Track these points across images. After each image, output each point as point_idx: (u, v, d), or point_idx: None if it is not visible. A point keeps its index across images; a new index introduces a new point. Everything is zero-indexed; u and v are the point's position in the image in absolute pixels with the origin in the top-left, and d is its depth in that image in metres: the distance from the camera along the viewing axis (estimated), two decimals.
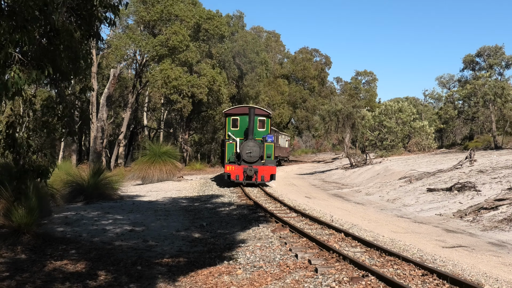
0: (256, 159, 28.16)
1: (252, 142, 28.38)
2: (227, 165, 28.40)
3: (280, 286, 10.04)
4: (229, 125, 31.67)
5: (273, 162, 29.23)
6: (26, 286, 10.10)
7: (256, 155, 28.11)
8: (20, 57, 8.79)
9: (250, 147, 28.00)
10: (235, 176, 27.71)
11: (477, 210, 20.76)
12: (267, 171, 28.35)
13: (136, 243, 14.08)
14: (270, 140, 29.98)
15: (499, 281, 10.02)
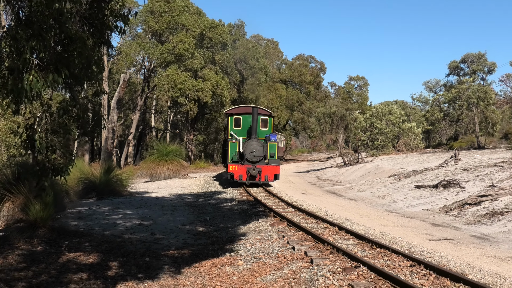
0: (260, 158, 25.94)
1: (255, 141, 26.11)
2: (230, 164, 26.10)
3: (278, 276, 10.03)
4: (231, 124, 29.16)
5: (276, 161, 26.96)
6: (42, 276, 10.09)
7: (260, 155, 25.90)
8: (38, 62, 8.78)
9: (254, 147, 25.79)
10: (238, 176, 25.52)
11: (461, 206, 20.76)
12: (270, 170, 26.13)
13: (144, 236, 14.08)
14: (274, 140, 27.77)
15: (481, 271, 10.01)
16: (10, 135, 30.32)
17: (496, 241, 14.80)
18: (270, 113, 31.62)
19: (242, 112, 30.07)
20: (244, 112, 29.90)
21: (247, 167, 25.62)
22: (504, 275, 9.89)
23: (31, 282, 9.69)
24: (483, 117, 54.22)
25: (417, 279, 9.14)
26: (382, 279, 9.10)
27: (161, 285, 9.91)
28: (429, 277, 9.25)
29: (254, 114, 26.42)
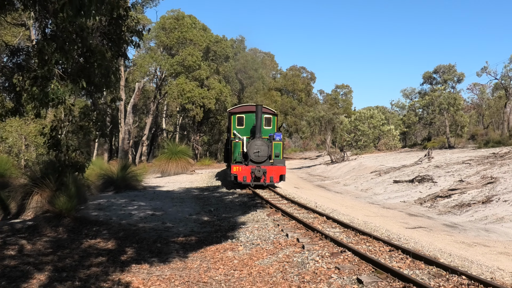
0: (264, 158, 22.05)
1: (259, 140, 22.12)
2: (233, 165, 22.07)
3: (274, 260, 10.01)
4: (234, 123, 25.16)
5: (282, 161, 22.93)
6: (66, 260, 10.07)
7: (265, 155, 22.01)
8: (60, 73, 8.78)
9: (258, 146, 21.90)
10: (242, 177, 21.62)
11: (434, 198, 20.78)
12: (276, 171, 22.14)
13: (156, 225, 14.06)
14: (279, 139, 23.81)
15: (452, 255, 10.01)
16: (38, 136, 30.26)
17: (464, 229, 14.81)
18: (273, 111, 27.83)
19: (245, 111, 26.06)
20: (247, 110, 26.00)
21: (251, 168, 21.77)
22: (471, 258, 9.88)
23: (56, 265, 9.68)
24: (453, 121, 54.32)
25: (395, 262, 9.13)
26: (364, 262, 9.09)
27: (171, 268, 9.89)
28: (406, 261, 9.24)
29: (258, 112, 22.40)
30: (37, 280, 8.74)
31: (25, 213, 14.81)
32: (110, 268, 9.68)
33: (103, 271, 9.51)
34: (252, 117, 23.89)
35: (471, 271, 8.60)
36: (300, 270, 9.07)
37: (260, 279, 8.83)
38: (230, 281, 8.89)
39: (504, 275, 8.54)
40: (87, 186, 18.47)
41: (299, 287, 8.14)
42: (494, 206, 17.48)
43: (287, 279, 8.67)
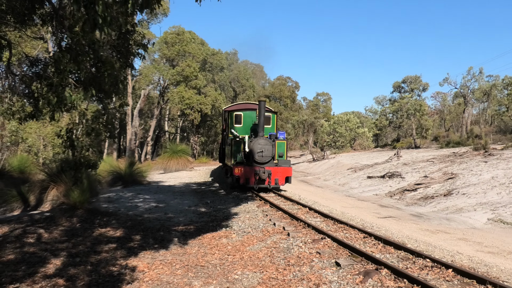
0: (269, 159, 18.46)
1: (263, 139, 18.55)
2: (235, 167, 18.48)
3: (263, 246, 10.01)
4: (231, 121, 21.40)
5: (287, 162, 19.35)
6: (80, 246, 10.02)
7: (269, 155, 18.40)
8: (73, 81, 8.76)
9: (262, 146, 18.32)
10: (245, 179, 18.25)
11: (402, 191, 20.87)
12: (281, 173, 18.62)
13: (159, 216, 14.01)
14: (282, 137, 20.40)
15: (417, 241, 10.05)
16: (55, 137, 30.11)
17: (428, 218, 14.88)
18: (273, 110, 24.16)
19: (243, 108, 22.74)
20: (246, 108, 22.93)
21: (255, 170, 18.20)
22: (435, 244, 9.93)
23: (71, 252, 9.64)
24: (419, 124, 54.65)
25: (368, 247, 9.14)
26: (342, 248, 9.10)
27: (172, 253, 9.87)
28: (378, 246, 9.26)
29: (261, 109, 18.79)
30: (53, 265, 8.71)
31: (43, 205, 14.78)
32: (118, 254, 9.66)
33: (112, 256, 9.48)
34: (251, 115, 21.18)
35: (434, 254, 8.64)
36: (286, 254, 9.07)
37: (250, 263, 8.83)
38: (224, 264, 8.88)
39: (462, 258, 8.59)
40: (98, 181, 18.41)
41: (285, 269, 8.14)
42: (454, 198, 17.59)
43: (274, 262, 8.67)
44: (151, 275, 8.29)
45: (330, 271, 7.72)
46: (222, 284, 7.66)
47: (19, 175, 18.87)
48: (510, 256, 9.42)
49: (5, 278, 7.92)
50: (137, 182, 23.15)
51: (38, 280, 7.90)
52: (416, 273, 7.34)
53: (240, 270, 8.41)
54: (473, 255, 8.99)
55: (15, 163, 20.57)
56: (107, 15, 5.38)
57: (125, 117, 47.29)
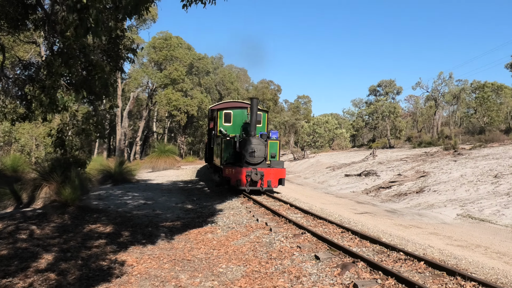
0: (261, 159, 16.75)
1: (255, 139, 16.78)
2: (226, 167, 16.73)
3: (246, 240, 10.01)
4: (220, 120, 19.55)
5: (280, 163, 17.53)
6: (71, 242, 9.92)
7: (261, 155, 16.68)
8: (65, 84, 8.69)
9: (254, 146, 16.54)
10: (236, 181, 16.48)
11: (377, 189, 21.03)
12: (274, 174, 16.88)
13: (148, 212, 13.93)
14: (275, 137, 18.67)
15: (392, 235, 10.14)
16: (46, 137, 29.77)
17: (402, 214, 15.01)
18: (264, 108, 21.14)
19: (233, 107, 20.90)
20: (235, 106, 21.09)
21: (247, 171, 16.43)
22: (407, 238, 10.03)
23: (62, 247, 9.54)
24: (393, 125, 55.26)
25: (346, 242, 9.20)
26: (321, 242, 9.14)
27: (160, 248, 9.82)
28: (355, 240, 9.32)
29: (254, 106, 16.92)
30: (45, 260, 8.61)
31: (35, 203, 14.61)
32: (108, 249, 9.58)
33: (102, 251, 9.41)
34: (242, 114, 19.49)
35: (407, 248, 8.72)
36: (268, 249, 9.08)
37: (235, 257, 8.82)
38: (210, 258, 8.86)
39: (433, 251, 8.69)
40: (89, 180, 18.25)
41: (267, 263, 8.15)
42: (425, 195, 17.78)
43: (257, 256, 8.68)
44: (140, 269, 8.24)
45: (310, 264, 7.75)
46: (207, 277, 7.64)
47: (12, 174, 18.61)
48: (478, 249, 9.56)
49: None
50: (126, 180, 22.96)
51: (30, 275, 7.81)
52: (391, 266, 7.40)
53: (224, 263, 8.41)
54: (444, 249, 9.10)
55: (8, 162, 20.30)
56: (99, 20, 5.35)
57: (115, 118, 46.90)
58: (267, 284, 7.00)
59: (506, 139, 31.76)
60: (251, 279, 7.36)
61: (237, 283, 7.18)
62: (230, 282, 7.28)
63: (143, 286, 7.31)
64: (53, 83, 8.15)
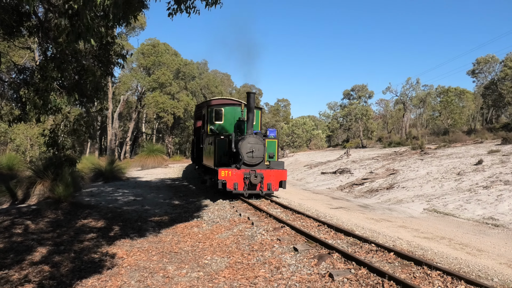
0: (260, 160, 14.34)
1: (253, 138, 14.34)
2: (221, 169, 14.00)
3: (230, 233, 10.00)
4: (211, 117, 16.99)
5: (280, 164, 15.20)
6: (64, 236, 9.80)
7: (260, 155, 14.30)
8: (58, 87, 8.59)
9: (252, 145, 14.20)
10: (233, 184, 13.95)
11: (351, 185, 21.19)
12: (275, 176, 14.48)
13: (137, 208, 13.82)
14: (273, 136, 16.54)
15: (364, 228, 10.23)
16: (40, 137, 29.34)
17: (373, 208, 15.15)
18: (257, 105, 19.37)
19: (224, 104, 18.36)
20: (227, 103, 18.70)
21: (244, 173, 14.05)
22: (379, 231, 10.13)
23: (56, 241, 9.42)
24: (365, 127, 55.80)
25: (322, 234, 9.25)
26: (299, 235, 9.18)
27: (149, 241, 9.75)
28: (330, 233, 9.38)
29: (251, 101, 14.67)
30: (39, 253, 8.49)
31: (30, 199, 14.42)
32: (99, 242, 9.48)
33: (94, 244, 9.31)
34: (233, 111, 17.08)
35: (379, 240, 8.81)
36: (250, 241, 9.09)
37: (219, 249, 8.81)
38: (196, 251, 8.83)
39: (402, 243, 8.79)
40: (81, 177, 18.06)
41: (249, 254, 8.16)
42: (395, 191, 17.98)
43: (240, 248, 8.68)
44: (130, 261, 8.17)
45: (289, 256, 7.78)
46: (193, 268, 7.61)
47: (8, 172, 18.30)
48: (442, 241, 9.71)
49: None
50: (117, 178, 22.73)
51: (25, 267, 7.69)
52: (363, 257, 7.47)
53: (209, 255, 8.39)
54: (411, 240, 9.22)
55: (4, 161, 19.95)
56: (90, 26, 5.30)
57: (106, 119, 46.44)
58: (249, 274, 7.01)
59: (467, 139, 32.30)
60: (234, 270, 7.35)
61: (221, 274, 7.17)
62: (215, 273, 7.26)
63: (133, 277, 7.25)
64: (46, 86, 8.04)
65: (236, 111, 16.97)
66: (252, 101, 14.65)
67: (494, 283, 6.17)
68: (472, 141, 30.75)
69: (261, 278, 6.75)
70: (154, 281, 7.02)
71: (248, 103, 14.75)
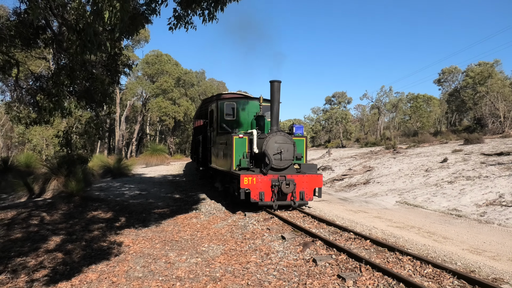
0: (289, 163, 10.64)
1: (281, 135, 10.58)
2: (244, 175, 10.01)
3: (225, 224, 9.97)
4: (221, 112, 13.12)
5: (313, 167, 11.40)
6: (76, 226, 9.72)
7: (290, 157, 10.58)
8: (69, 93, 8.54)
9: (280, 144, 10.40)
10: (258, 194, 10.03)
11: (332, 181, 21.24)
12: (308, 183, 10.67)
13: (142, 201, 13.74)
14: (300, 133, 12.41)
15: (344, 219, 10.25)
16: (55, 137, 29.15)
17: (352, 201, 15.20)
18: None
19: (236, 97, 14.04)
20: (239, 97, 14.33)
21: (272, 179, 10.24)
22: (357, 221, 10.16)
23: (68, 230, 9.34)
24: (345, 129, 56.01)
25: (307, 224, 9.26)
26: (286, 224, 9.17)
27: (152, 231, 9.69)
28: (314, 223, 9.39)
29: (275, 92, 10.69)
30: (53, 242, 8.42)
31: (45, 194, 14.30)
32: (108, 232, 9.42)
33: (103, 234, 9.24)
34: (249, 105, 13.30)
35: (357, 229, 8.84)
36: (243, 230, 9.07)
37: (215, 237, 8.79)
38: (194, 239, 8.80)
39: (377, 231, 8.83)
40: (92, 174, 17.95)
41: (242, 242, 8.14)
42: (371, 186, 18.06)
43: (234, 237, 8.66)
44: (135, 248, 8.12)
45: (277, 243, 7.78)
46: (192, 255, 7.58)
47: (26, 169, 18.14)
48: (413, 229, 9.77)
49: (13, 253, 7.64)
50: (124, 174, 22.58)
51: (41, 254, 7.62)
52: (343, 244, 7.49)
53: (207, 243, 8.36)
54: (385, 229, 9.26)
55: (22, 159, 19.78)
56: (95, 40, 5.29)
57: (114, 122, 46.14)
58: (242, 260, 7.00)
59: (434, 140, 32.56)
60: (228, 256, 7.34)
61: (217, 260, 7.15)
62: (211, 259, 7.24)
63: (138, 263, 7.21)
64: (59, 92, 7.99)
65: (251, 105, 13.35)
66: (277, 91, 10.70)
67: (458, 266, 6.22)
68: (438, 141, 31.01)
69: (253, 263, 6.74)
70: (157, 266, 6.98)
71: (272, 93, 10.74)
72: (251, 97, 13.93)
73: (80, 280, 6.40)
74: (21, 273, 6.68)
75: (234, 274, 6.29)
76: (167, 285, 5.97)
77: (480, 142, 24.24)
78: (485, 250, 7.16)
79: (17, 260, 7.25)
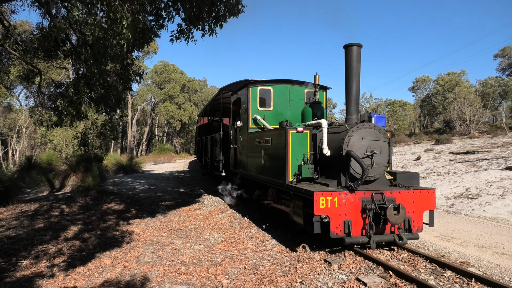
0: (382, 172, 5.42)
1: (370, 128, 5.41)
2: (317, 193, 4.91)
3: (224, 215, 9.97)
4: (254, 101, 8.35)
5: (414, 177, 5.89)
6: (92, 217, 9.68)
7: (384, 162, 5.40)
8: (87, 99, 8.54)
9: (369, 142, 5.15)
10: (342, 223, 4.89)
11: None
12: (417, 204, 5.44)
13: (151, 195, 13.69)
14: (382, 126, 6.10)
15: None
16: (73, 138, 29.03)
17: None
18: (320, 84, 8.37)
19: (271, 81, 8.79)
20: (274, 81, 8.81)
21: (365, 200, 5.16)
22: None
23: (85, 221, 9.30)
24: None
25: None
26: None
27: (160, 221, 9.66)
28: None
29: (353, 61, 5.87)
30: (72, 231, 8.39)
31: (65, 188, 14.26)
32: (120, 222, 9.39)
33: (116, 224, 9.21)
34: (291, 92, 8.87)
35: None
36: (240, 221, 9.07)
37: (216, 227, 8.78)
38: (197, 228, 8.79)
39: None
40: (106, 170, 17.91)
41: (240, 231, 8.14)
42: None
43: (232, 226, 8.65)
44: (145, 237, 8.09)
45: (271, 231, 7.78)
46: (196, 242, 7.57)
47: (47, 166, 18.04)
48: None
49: (36, 241, 7.61)
50: (135, 171, 22.50)
51: (61, 242, 7.59)
52: None
53: (208, 232, 8.35)
54: None
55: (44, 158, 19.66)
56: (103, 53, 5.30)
57: (126, 124, 46.06)
58: (240, 246, 6.99)
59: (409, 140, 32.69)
60: (228, 243, 7.33)
61: (218, 246, 7.14)
62: (213, 245, 7.23)
63: (147, 249, 7.18)
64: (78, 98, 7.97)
65: (293, 91, 8.97)
66: (356, 61, 6.24)
67: (430, 252, 6.25)
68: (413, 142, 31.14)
69: (249, 250, 6.73)
70: (164, 252, 6.97)
71: (347, 64, 6.29)
72: (291, 80, 9.02)
73: (96, 265, 6.37)
74: (43, 259, 6.64)
75: (232, 259, 6.28)
76: (174, 269, 5.95)
77: (449, 143, 24.37)
78: (454, 237, 7.20)
79: (39, 248, 7.21)
